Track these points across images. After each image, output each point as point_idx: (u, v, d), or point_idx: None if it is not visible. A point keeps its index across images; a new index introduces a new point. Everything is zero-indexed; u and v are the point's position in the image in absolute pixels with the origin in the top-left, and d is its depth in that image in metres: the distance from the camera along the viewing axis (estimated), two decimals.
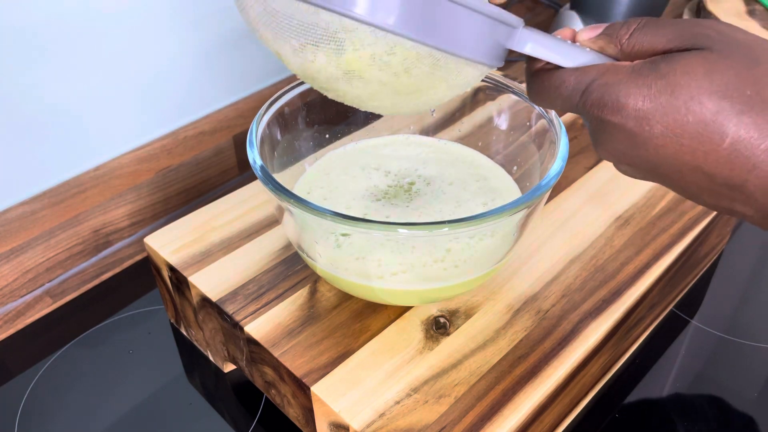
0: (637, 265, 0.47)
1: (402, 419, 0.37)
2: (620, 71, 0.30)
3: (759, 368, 0.51)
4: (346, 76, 0.32)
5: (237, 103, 0.67)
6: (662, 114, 0.28)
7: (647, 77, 0.29)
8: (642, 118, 0.29)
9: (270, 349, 0.41)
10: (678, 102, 0.28)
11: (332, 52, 0.31)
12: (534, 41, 0.32)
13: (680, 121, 0.28)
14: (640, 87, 0.29)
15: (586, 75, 0.31)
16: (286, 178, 0.46)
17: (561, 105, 0.32)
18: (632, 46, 0.31)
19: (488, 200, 0.46)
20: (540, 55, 0.32)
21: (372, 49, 0.30)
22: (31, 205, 0.55)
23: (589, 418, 0.47)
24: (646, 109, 0.28)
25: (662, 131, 0.28)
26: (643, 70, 0.29)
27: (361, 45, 0.30)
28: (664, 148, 0.29)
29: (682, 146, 0.28)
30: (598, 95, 0.30)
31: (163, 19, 0.58)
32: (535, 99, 0.34)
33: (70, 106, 0.55)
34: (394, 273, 0.39)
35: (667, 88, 0.28)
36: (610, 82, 0.30)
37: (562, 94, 0.32)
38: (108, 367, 0.51)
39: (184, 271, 0.46)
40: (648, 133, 0.29)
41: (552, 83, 0.32)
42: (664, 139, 0.29)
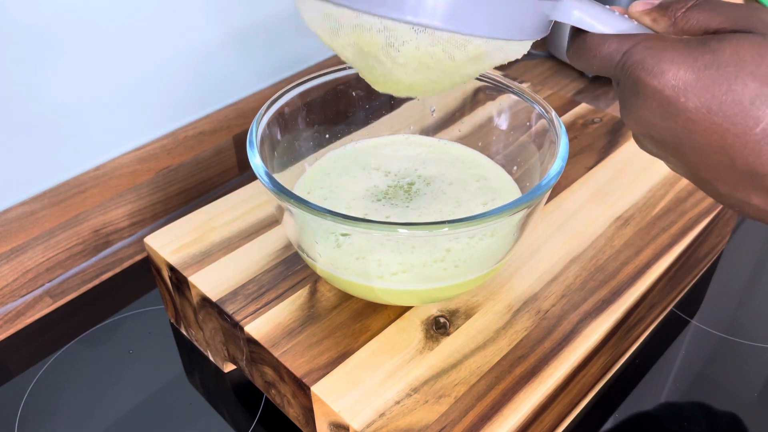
0: (637, 265, 0.47)
1: (402, 419, 0.37)
2: (667, 39, 0.29)
3: (759, 368, 0.51)
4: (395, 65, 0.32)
5: (237, 103, 0.67)
6: (702, 87, 0.28)
7: (695, 49, 0.28)
8: (680, 88, 0.28)
9: (270, 349, 0.41)
10: (721, 78, 0.27)
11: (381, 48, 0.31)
12: (580, 10, 0.32)
13: (718, 98, 0.28)
14: (686, 57, 0.28)
15: (631, 39, 0.30)
16: (286, 178, 0.46)
17: (599, 65, 0.32)
18: (686, 22, 0.30)
19: (488, 200, 0.46)
20: (585, 25, 0.32)
21: (416, 43, 0.30)
22: (31, 205, 0.55)
23: (589, 418, 0.47)
24: (687, 80, 0.28)
25: (697, 105, 0.28)
26: (692, 42, 0.29)
27: (405, 40, 0.30)
28: (695, 123, 0.28)
29: (713, 124, 0.28)
30: (640, 57, 0.29)
31: (163, 19, 0.58)
32: (572, 57, 0.33)
33: (70, 106, 0.55)
34: (394, 273, 0.39)
35: (713, 63, 0.28)
36: (655, 46, 0.29)
37: (602, 53, 0.31)
38: (108, 367, 0.51)
39: (184, 271, 0.46)
40: (683, 105, 0.28)
41: (594, 42, 0.31)
42: (698, 114, 0.28)
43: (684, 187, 0.53)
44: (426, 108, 0.52)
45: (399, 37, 0.30)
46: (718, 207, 0.51)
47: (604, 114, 0.61)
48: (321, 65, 0.74)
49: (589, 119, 0.61)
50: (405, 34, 0.30)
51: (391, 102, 0.51)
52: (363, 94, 0.50)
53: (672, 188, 0.53)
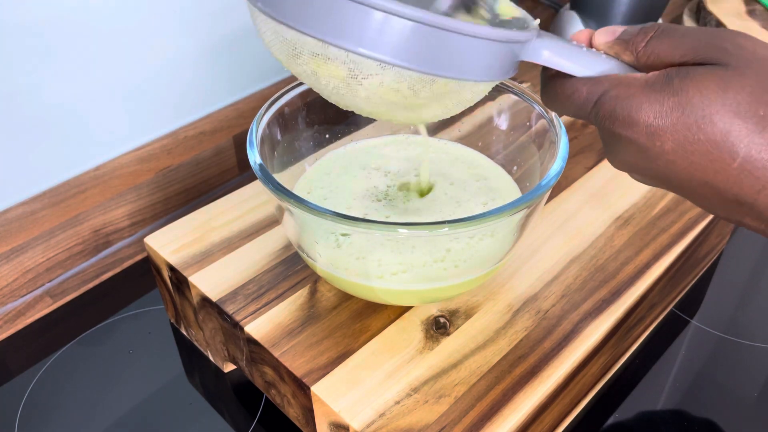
0: (637, 265, 0.47)
1: (402, 419, 0.37)
2: (633, 85, 0.29)
3: (759, 368, 0.51)
4: (355, 97, 0.32)
5: (237, 103, 0.67)
6: (673, 131, 0.28)
7: (660, 93, 0.28)
8: (653, 134, 0.29)
9: (270, 349, 0.41)
10: (689, 120, 0.28)
11: (342, 80, 0.31)
12: (549, 49, 0.32)
13: (691, 138, 0.28)
14: (653, 103, 0.29)
15: (599, 86, 0.31)
16: (286, 178, 0.46)
17: (574, 113, 0.32)
18: (648, 56, 0.31)
19: (488, 200, 0.46)
20: (554, 65, 0.32)
21: (380, 78, 0.30)
22: (31, 205, 0.55)
23: (590, 418, 0.47)
24: (657, 126, 0.28)
25: (673, 147, 0.28)
26: (656, 85, 0.29)
27: (370, 74, 0.30)
28: (675, 163, 0.29)
29: (693, 163, 0.28)
30: (609, 108, 0.30)
31: (163, 19, 0.58)
32: (548, 105, 0.34)
33: (70, 106, 0.55)
34: (394, 273, 0.39)
35: (679, 106, 0.28)
36: (621, 95, 0.30)
37: (575, 103, 0.32)
38: (108, 367, 0.51)
39: (184, 271, 0.46)
40: (659, 149, 0.29)
41: (565, 91, 0.32)
42: (675, 155, 0.29)
43: None
44: None
45: (363, 70, 0.30)
46: None
47: None
48: None
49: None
50: (370, 68, 0.30)
51: None
52: None
53: None
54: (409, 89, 0.31)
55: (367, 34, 0.29)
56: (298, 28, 0.30)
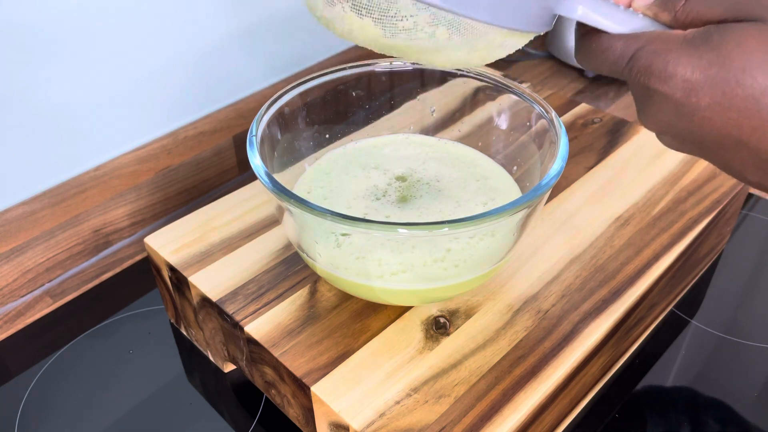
0: (637, 265, 0.47)
1: (402, 419, 0.37)
2: (671, 40, 0.29)
3: (759, 368, 0.51)
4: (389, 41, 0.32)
5: (237, 103, 0.67)
6: (711, 86, 0.28)
7: (698, 48, 0.28)
8: (690, 89, 0.28)
9: (270, 349, 0.41)
10: (728, 75, 0.27)
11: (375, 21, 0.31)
12: (584, 5, 0.31)
13: (729, 94, 0.27)
14: (691, 57, 0.28)
15: (635, 41, 0.30)
16: (286, 178, 0.46)
17: (608, 69, 0.32)
18: (687, 15, 0.30)
19: (488, 200, 0.46)
20: (590, 21, 0.31)
21: (414, 20, 0.30)
22: (31, 205, 0.55)
23: (589, 418, 0.47)
24: (695, 80, 0.28)
25: (710, 103, 0.28)
26: (695, 40, 0.28)
27: (405, 15, 0.30)
28: (711, 120, 0.28)
29: (729, 120, 0.28)
30: (645, 62, 0.29)
31: (163, 19, 0.58)
32: (581, 61, 0.33)
33: (70, 106, 0.55)
34: (394, 273, 0.39)
35: (718, 60, 0.27)
36: (659, 50, 0.29)
37: (609, 58, 0.31)
38: (108, 367, 0.51)
39: (184, 271, 0.46)
40: (695, 105, 0.28)
41: (600, 46, 0.31)
42: (711, 112, 0.28)
43: (684, 187, 0.53)
44: (426, 108, 0.52)
45: (399, 10, 0.30)
46: (719, 207, 0.51)
47: (604, 114, 0.61)
48: (321, 65, 0.74)
49: (589, 119, 0.61)
50: (406, 8, 0.30)
51: (391, 102, 0.51)
52: (363, 94, 0.50)
53: (672, 188, 0.53)
54: (446, 32, 0.30)
55: None
56: None
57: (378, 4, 0.30)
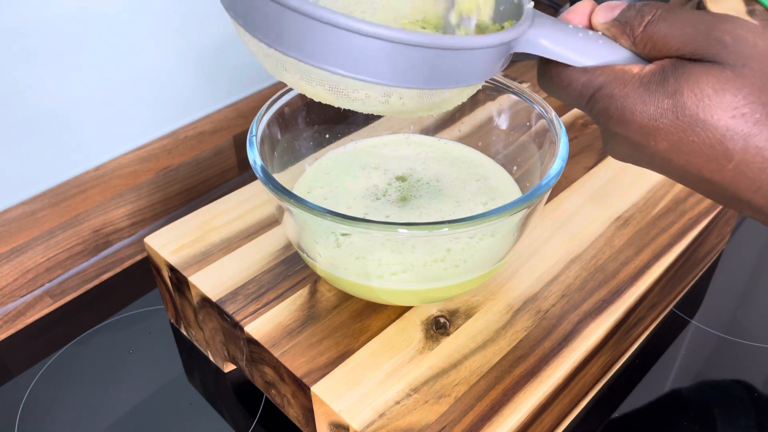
0: (637, 265, 0.47)
1: (402, 419, 0.37)
2: (627, 83, 0.29)
3: (759, 368, 0.51)
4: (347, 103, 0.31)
5: (237, 103, 0.67)
6: (667, 132, 0.28)
7: (654, 94, 0.28)
8: (648, 133, 0.28)
9: (270, 349, 0.41)
10: (684, 123, 0.27)
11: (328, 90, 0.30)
12: (546, 38, 0.31)
13: (686, 140, 0.28)
14: (647, 105, 0.28)
15: (594, 80, 0.30)
16: (286, 178, 0.46)
17: (570, 103, 0.32)
18: (644, 42, 0.30)
19: (488, 200, 0.46)
20: (551, 55, 0.31)
21: (366, 93, 0.30)
22: (31, 205, 0.55)
23: (590, 418, 0.47)
24: (652, 127, 0.28)
25: (668, 147, 0.28)
26: (651, 85, 0.28)
27: (356, 89, 0.29)
28: (671, 161, 0.29)
29: (689, 162, 0.28)
30: (603, 105, 0.30)
31: (163, 19, 0.58)
32: (545, 90, 0.33)
33: (70, 107, 0.55)
34: (394, 273, 0.39)
35: (674, 109, 0.28)
36: (616, 94, 0.29)
37: (570, 95, 0.31)
38: (108, 367, 0.51)
39: (184, 271, 0.46)
40: (654, 147, 0.29)
41: (561, 81, 0.31)
42: (671, 154, 0.28)
43: (684, 187, 0.53)
44: None
45: (348, 87, 0.29)
46: (718, 207, 0.51)
47: None
48: None
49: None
50: (355, 85, 0.29)
51: None
52: None
53: (672, 188, 0.53)
54: (399, 100, 0.30)
55: (350, 57, 0.27)
56: (278, 48, 0.28)
57: (327, 79, 0.29)
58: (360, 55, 0.27)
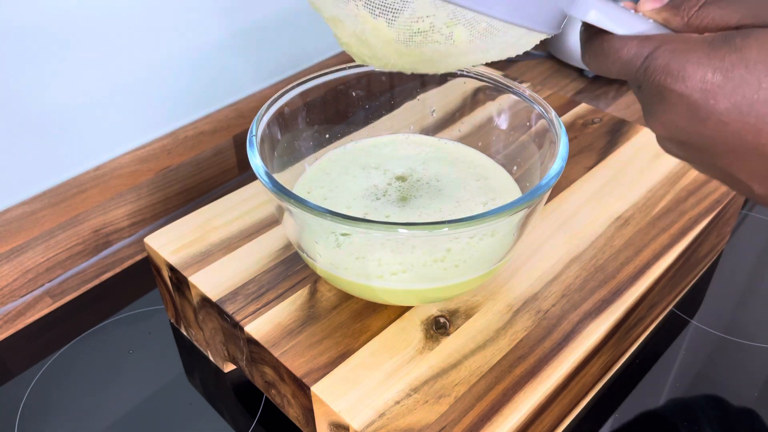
0: (637, 265, 0.47)
1: (402, 419, 0.37)
2: (690, 40, 0.28)
3: (759, 368, 0.51)
4: (402, 47, 0.30)
5: (237, 103, 0.67)
6: (732, 89, 0.27)
7: (720, 49, 0.27)
8: (709, 90, 0.27)
9: (270, 349, 0.41)
10: (751, 77, 0.26)
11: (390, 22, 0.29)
12: (597, 9, 0.30)
13: (750, 98, 0.27)
14: (712, 58, 0.27)
15: (651, 41, 0.29)
16: (286, 178, 0.46)
17: (619, 69, 0.30)
18: (701, 20, 0.29)
19: (488, 200, 0.46)
20: (602, 24, 0.31)
21: (431, 21, 0.29)
22: (31, 205, 0.55)
23: (589, 418, 0.47)
24: (716, 82, 0.27)
25: (728, 108, 0.27)
26: (716, 41, 0.27)
27: (421, 16, 0.29)
28: (726, 125, 0.27)
29: (746, 125, 0.27)
30: (663, 61, 0.28)
31: (163, 19, 0.58)
32: (590, 62, 0.32)
33: (70, 106, 0.55)
34: (394, 273, 0.39)
35: (741, 62, 0.27)
36: (678, 48, 0.28)
37: (622, 57, 0.30)
38: (108, 367, 0.51)
39: (184, 271, 0.46)
40: (712, 108, 0.27)
41: (612, 46, 0.30)
42: (729, 116, 0.27)
43: (684, 187, 0.53)
44: (426, 108, 0.52)
45: (415, 11, 0.29)
46: (719, 207, 0.51)
47: (604, 114, 0.61)
48: (321, 65, 0.74)
49: (589, 119, 0.61)
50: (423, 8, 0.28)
51: (391, 102, 0.51)
52: (363, 94, 0.50)
53: (672, 188, 0.53)
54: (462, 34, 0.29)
55: None
56: None
57: (393, 3, 0.29)
58: None
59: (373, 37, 0.31)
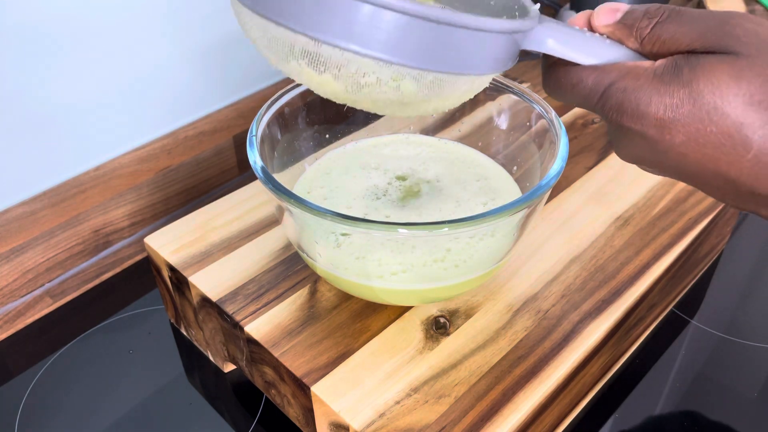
0: (637, 265, 0.47)
1: (402, 419, 0.37)
2: (641, 76, 0.29)
3: (759, 368, 0.51)
4: (351, 96, 0.31)
5: (237, 103, 0.67)
6: (684, 124, 0.27)
7: (669, 84, 0.28)
8: (663, 126, 0.28)
9: (270, 349, 0.41)
10: (701, 113, 0.27)
11: (336, 77, 0.30)
12: (553, 38, 0.31)
13: (703, 131, 0.27)
14: (662, 95, 0.28)
15: (606, 76, 0.30)
16: (286, 178, 0.46)
17: (579, 103, 0.31)
18: (653, 43, 0.29)
19: (488, 200, 0.46)
20: (558, 54, 0.31)
21: (377, 76, 0.29)
22: (31, 205, 0.55)
23: (589, 418, 0.47)
24: (668, 118, 0.28)
25: (684, 140, 0.28)
26: (665, 76, 0.28)
27: (366, 72, 0.29)
28: (686, 156, 0.28)
29: (705, 155, 0.28)
30: (617, 100, 0.29)
31: (163, 19, 0.58)
32: (550, 93, 0.33)
33: (70, 106, 0.55)
34: (394, 273, 0.39)
35: (690, 98, 0.27)
36: (630, 87, 0.29)
37: (580, 93, 0.31)
38: (108, 367, 0.51)
39: (184, 271, 0.46)
40: (669, 142, 0.28)
41: (570, 80, 0.31)
42: (686, 148, 0.28)
43: (684, 187, 0.53)
44: None
45: (360, 68, 0.29)
46: (718, 207, 0.51)
47: None
48: None
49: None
50: (367, 66, 0.29)
51: None
52: None
53: (672, 188, 0.53)
54: (410, 86, 0.30)
55: (358, 30, 0.27)
56: (283, 24, 0.28)
57: (336, 61, 0.29)
58: (372, 28, 0.27)
59: (321, 90, 0.31)
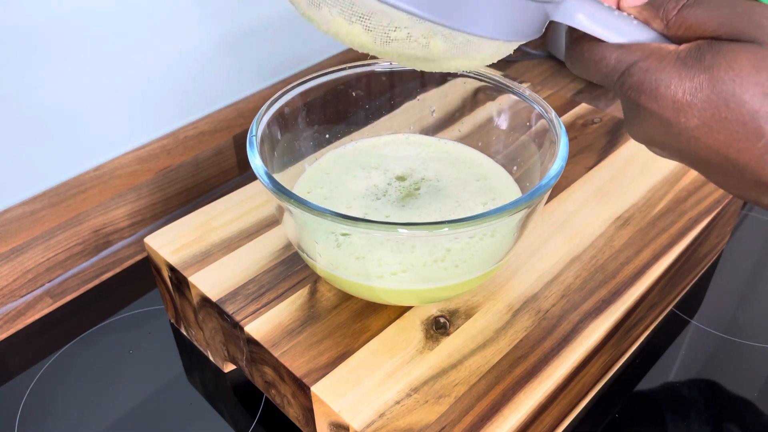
0: (637, 265, 0.47)
1: (402, 419, 0.37)
2: (664, 58, 0.29)
3: (759, 368, 0.51)
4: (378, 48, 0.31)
5: (237, 103, 0.67)
6: (701, 108, 0.28)
7: (690, 69, 0.28)
8: (680, 109, 0.28)
9: (270, 349, 0.41)
10: (719, 99, 0.27)
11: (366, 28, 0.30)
12: (583, 12, 0.31)
13: (718, 116, 0.28)
14: (683, 78, 0.28)
15: (629, 55, 0.30)
16: (286, 178, 0.46)
17: (599, 80, 0.32)
18: (679, 25, 0.30)
19: (488, 200, 0.46)
20: (587, 29, 0.31)
21: (409, 31, 0.29)
22: (31, 205, 0.55)
23: (589, 418, 0.47)
24: (685, 102, 0.28)
25: (698, 124, 0.28)
26: (688, 60, 0.28)
27: (398, 26, 0.29)
28: (698, 140, 0.29)
29: (717, 140, 0.28)
30: (638, 79, 0.29)
31: (163, 20, 0.58)
32: (572, 67, 0.33)
33: (70, 106, 0.55)
34: (394, 273, 0.39)
35: (710, 84, 0.28)
36: (651, 67, 0.29)
37: (601, 69, 0.31)
38: (108, 367, 0.51)
39: (184, 271, 0.46)
40: (684, 125, 0.29)
41: (592, 56, 0.31)
42: (700, 131, 0.28)
43: (684, 187, 0.53)
44: (426, 108, 0.52)
45: (391, 21, 0.29)
46: (719, 207, 0.51)
47: (604, 114, 0.61)
48: (321, 65, 0.74)
49: (589, 119, 0.61)
50: (401, 20, 0.29)
51: (391, 102, 0.51)
52: (363, 94, 0.50)
53: (672, 188, 0.53)
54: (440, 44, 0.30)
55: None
56: None
57: (369, 13, 0.29)
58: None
59: (348, 39, 0.31)
